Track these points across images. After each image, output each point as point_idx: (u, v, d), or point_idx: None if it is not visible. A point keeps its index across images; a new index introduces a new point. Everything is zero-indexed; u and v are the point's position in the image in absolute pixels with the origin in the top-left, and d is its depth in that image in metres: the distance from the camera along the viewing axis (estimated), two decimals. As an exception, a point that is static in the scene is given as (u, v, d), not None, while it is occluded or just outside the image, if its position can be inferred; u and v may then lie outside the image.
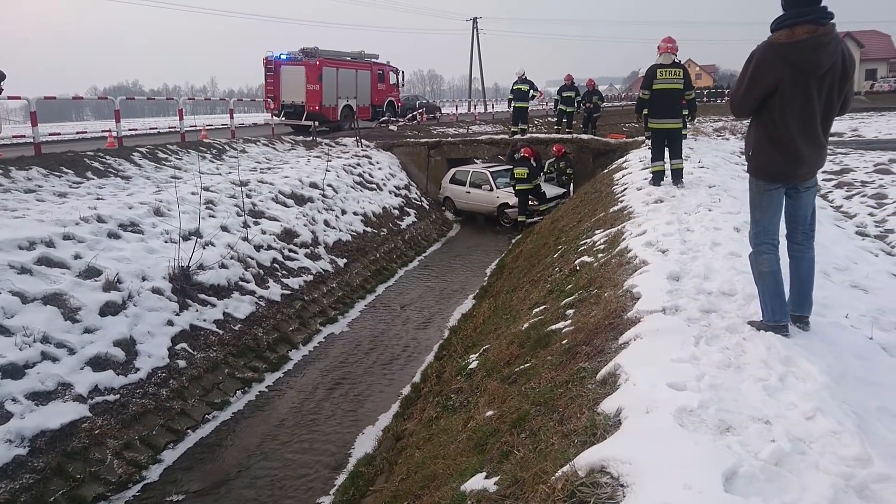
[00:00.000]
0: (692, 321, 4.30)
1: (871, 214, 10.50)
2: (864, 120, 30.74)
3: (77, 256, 8.30)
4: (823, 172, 13.50)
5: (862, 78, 62.13)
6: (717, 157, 13.87)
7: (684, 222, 7.20)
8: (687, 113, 10.81)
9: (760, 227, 4.12)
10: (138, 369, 7.46)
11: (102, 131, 22.24)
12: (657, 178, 9.80)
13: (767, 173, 4.04)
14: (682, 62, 9.77)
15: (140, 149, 15.29)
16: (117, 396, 6.99)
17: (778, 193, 4.07)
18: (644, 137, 15.08)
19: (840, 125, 26.24)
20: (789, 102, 3.82)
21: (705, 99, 49.66)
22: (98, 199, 10.90)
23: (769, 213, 4.09)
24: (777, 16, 3.86)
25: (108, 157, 14.00)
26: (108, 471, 6.28)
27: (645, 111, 9.94)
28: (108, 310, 7.77)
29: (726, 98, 47.44)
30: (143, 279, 8.58)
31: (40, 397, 6.40)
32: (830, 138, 4.11)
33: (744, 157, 4.57)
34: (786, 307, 4.05)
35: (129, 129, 22.60)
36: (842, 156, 16.76)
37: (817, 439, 2.84)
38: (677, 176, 9.70)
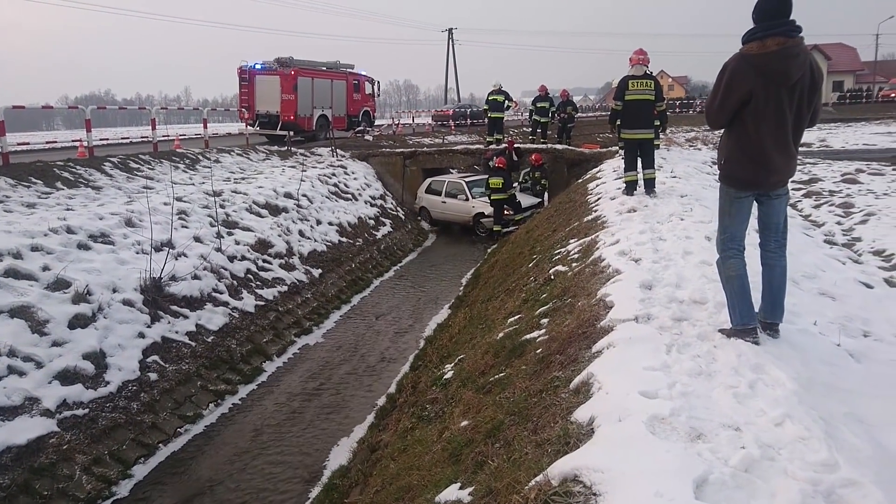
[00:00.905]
0: (664, 329, 4.34)
1: (838, 223, 10.71)
2: (831, 130, 31.35)
3: (45, 268, 8.14)
4: (792, 182, 13.72)
5: (829, 89, 63.52)
6: (689, 167, 14.05)
7: (657, 231, 7.28)
8: (658, 123, 10.95)
9: (728, 233, 4.21)
10: (108, 383, 7.33)
11: (73, 141, 21.86)
12: (630, 188, 9.89)
13: (738, 181, 4.13)
14: (653, 74, 9.90)
15: (111, 159, 15.10)
16: (86, 410, 6.85)
17: (747, 201, 4.16)
18: (617, 147, 15.25)
19: (808, 136, 26.74)
20: (762, 112, 3.91)
21: (678, 110, 50.30)
22: (68, 209, 10.73)
23: (737, 220, 4.19)
24: (748, 29, 3.96)
25: (78, 167, 13.80)
26: (77, 487, 6.14)
27: (618, 122, 10.05)
28: (78, 322, 7.63)
29: (698, 109, 48.18)
30: (114, 291, 8.45)
31: (6, 412, 6.25)
32: (799, 148, 4.21)
33: (715, 166, 4.65)
34: (753, 310, 4.12)
35: (101, 139, 22.29)
36: (810, 166, 17.08)
37: (786, 445, 2.88)
38: (650, 186, 9.80)
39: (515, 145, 19.26)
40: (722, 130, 4.27)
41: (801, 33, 3.86)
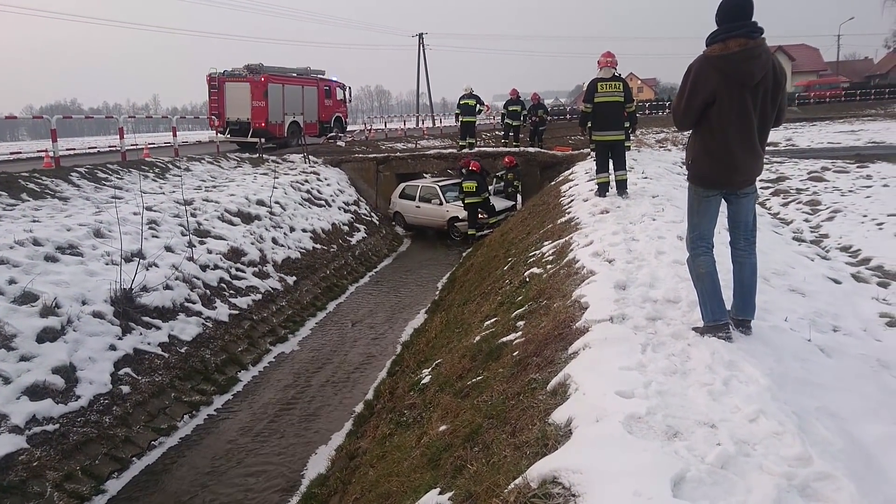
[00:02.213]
0: (639, 329, 4.37)
1: (806, 220, 10.90)
2: (797, 130, 31.94)
3: (11, 281, 7.97)
4: (761, 181, 13.96)
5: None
6: (660, 167, 14.21)
7: (629, 232, 7.33)
8: (629, 125, 11.05)
9: (697, 231, 4.28)
10: (79, 397, 7.18)
11: (38, 151, 21.52)
12: (602, 190, 9.96)
13: (705, 180, 4.19)
14: (621, 76, 9.98)
15: (79, 169, 14.83)
16: (57, 426, 6.71)
17: (715, 200, 4.23)
18: (589, 150, 15.36)
19: (775, 135, 27.24)
20: (726, 112, 3.97)
21: (647, 111, 50.90)
22: (34, 221, 10.51)
23: (706, 218, 4.25)
24: (712, 31, 4.02)
25: (44, 177, 13.53)
26: (48, 504, 6.01)
27: (589, 124, 10.12)
28: (46, 336, 7.47)
29: (667, 111, 48.77)
30: (83, 303, 8.29)
31: (-27, 430, 6.10)
32: (767, 147, 4.28)
33: (685, 167, 4.71)
34: (724, 306, 4.18)
35: (67, 149, 21.98)
36: (777, 164, 17.38)
37: (760, 441, 2.91)
38: (622, 187, 9.88)
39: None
40: (690, 131, 4.33)
41: (762, 34, 3.94)
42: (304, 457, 7.24)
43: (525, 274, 7.63)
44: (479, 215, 17.50)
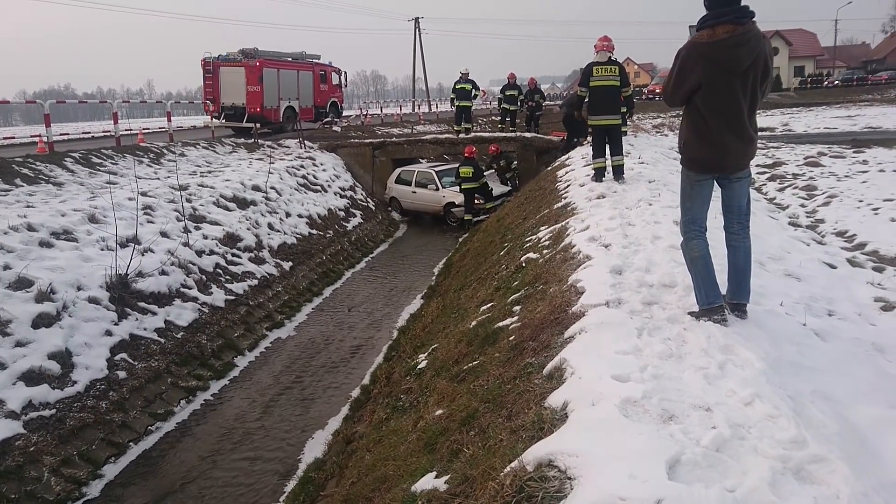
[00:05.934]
0: (635, 313, 4.38)
1: (802, 206, 10.90)
2: (794, 115, 31.92)
3: (6, 267, 7.95)
4: (757, 166, 13.95)
5: (791, 74, 64.65)
6: (656, 152, 14.17)
7: (626, 217, 7.32)
8: (625, 109, 10.99)
9: (690, 215, 4.29)
10: (75, 382, 7.19)
11: (32, 136, 21.38)
12: (599, 175, 9.93)
13: (697, 165, 4.21)
14: (617, 60, 9.92)
15: (73, 154, 14.76)
16: (53, 411, 6.72)
17: (707, 184, 4.23)
18: (584, 135, 15.28)
19: (772, 120, 27.23)
20: (714, 98, 3.98)
21: (647, 95, 50.74)
22: (28, 206, 10.46)
23: (698, 202, 4.27)
24: (701, 16, 4.00)
25: (38, 162, 13.47)
26: (45, 489, 6.03)
27: (583, 109, 10.06)
28: (42, 321, 7.46)
29: (660, 97, 48.67)
30: (79, 289, 8.27)
31: (-31, 416, 6.10)
32: (763, 133, 4.28)
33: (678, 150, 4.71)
34: (718, 289, 4.19)
35: (61, 134, 21.83)
36: (774, 149, 17.34)
37: (755, 424, 2.92)
38: (618, 172, 9.85)
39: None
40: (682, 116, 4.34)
41: (752, 18, 3.89)
42: (301, 441, 7.26)
43: (521, 259, 7.63)
44: (476, 200, 17.47)
